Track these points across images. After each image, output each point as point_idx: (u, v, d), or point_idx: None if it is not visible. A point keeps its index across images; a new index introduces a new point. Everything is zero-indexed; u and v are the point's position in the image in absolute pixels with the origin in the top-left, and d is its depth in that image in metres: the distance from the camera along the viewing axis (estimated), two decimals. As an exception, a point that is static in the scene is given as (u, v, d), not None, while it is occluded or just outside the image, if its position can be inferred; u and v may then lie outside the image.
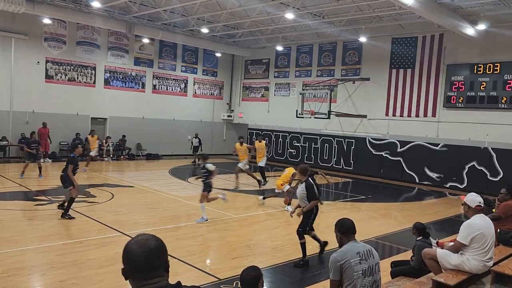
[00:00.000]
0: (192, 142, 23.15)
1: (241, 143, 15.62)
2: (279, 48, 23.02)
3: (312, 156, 22.86)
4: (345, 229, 3.96)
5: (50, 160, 19.05)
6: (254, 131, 25.92)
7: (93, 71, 21.48)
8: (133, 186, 14.26)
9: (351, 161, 21.28)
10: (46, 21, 18.83)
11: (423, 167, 18.47)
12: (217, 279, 6.28)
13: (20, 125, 19.07)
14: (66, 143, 20.39)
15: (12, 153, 19.10)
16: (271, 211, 11.74)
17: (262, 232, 9.61)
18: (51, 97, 19.93)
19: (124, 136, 22.38)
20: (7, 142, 18.69)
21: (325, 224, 9.55)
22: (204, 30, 20.61)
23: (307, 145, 23.14)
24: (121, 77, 22.56)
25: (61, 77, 20.38)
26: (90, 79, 21.43)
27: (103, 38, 21.66)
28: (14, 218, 9.29)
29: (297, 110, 21.31)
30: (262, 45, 24.24)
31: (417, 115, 18.82)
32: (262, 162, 15.75)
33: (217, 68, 26.85)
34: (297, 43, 23.21)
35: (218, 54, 25.78)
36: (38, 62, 19.56)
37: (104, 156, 21.10)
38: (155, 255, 1.92)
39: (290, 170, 12.11)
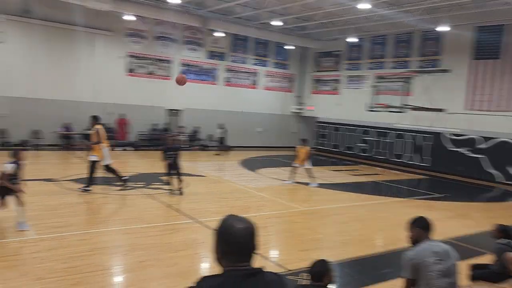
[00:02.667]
0: (217, 134, 22.58)
1: (303, 146, 15.14)
2: (352, 39, 22.46)
3: (384, 151, 22.14)
4: (426, 226, 3.79)
5: (133, 148, 20.31)
6: (324, 124, 25.64)
7: (170, 65, 22.52)
8: (205, 176, 14.81)
9: (425, 157, 20.30)
10: (128, 17, 20.03)
11: (507, 165, 17.12)
12: (286, 270, 6.38)
13: (104, 116, 20.50)
14: (144, 133, 21.65)
15: (97, 141, 20.64)
16: (340, 205, 11.61)
17: (331, 226, 9.55)
18: (131, 89, 21.24)
19: (197, 127, 23.25)
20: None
21: (395, 221, 9.26)
22: (276, 23, 20.70)
23: (378, 139, 22.44)
24: (195, 70, 23.40)
25: (141, 70, 21.63)
26: (167, 72, 22.48)
27: (179, 33, 22.57)
28: (99, 202, 10.10)
29: (369, 104, 20.71)
30: (333, 37, 23.80)
31: (502, 109, 17.44)
32: (307, 165, 15.25)
33: (287, 61, 26.86)
34: (370, 34, 22.49)
35: (289, 47, 25.75)
36: (120, 57, 20.91)
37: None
38: (255, 238, 1.98)
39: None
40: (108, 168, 11.17)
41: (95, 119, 11.16)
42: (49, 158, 16.95)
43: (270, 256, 7.14)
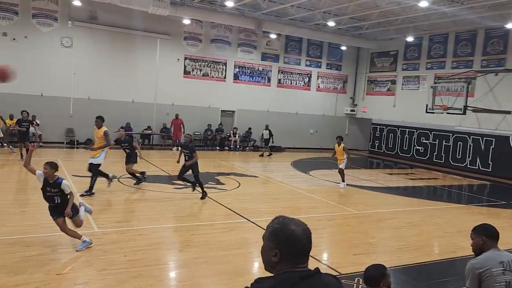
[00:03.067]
0: (263, 134, 22.41)
1: (339, 144, 14.73)
2: (409, 38, 21.72)
3: (443, 154, 21.19)
4: (492, 234, 3.58)
5: (179, 148, 20.90)
6: (378, 126, 24.99)
7: (224, 67, 22.98)
8: (257, 176, 14.96)
9: (489, 162, 19.17)
10: (186, 21, 20.70)
11: None
12: (338, 274, 6.32)
13: (162, 116, 21.38)
14: (199, 133, 22.26)
15: (155, 141, 21.52)
16: (395, 209, 11.28)
17: (386, 231, 9.31)
18: (187, 91, 21.91)
19: (250, 128, 23.53)
20: (151, 131, 21.12)
21: (455, 228, 8.86)
22: (330, 23, 20.49)
23: (437, 142, 21.52)
24: (249, 72, 23.71)
25: (196, 72, 22.26)
26: (221, 74, 22.96)
27: (234, 35, 22.99)
28: (156, 199, 10.51)
29: (427, 105, 19.93)
30: (390, 36, 23.14)
31: None
32: (342, 165, 14.81)
33: (341, 61, 26.47)
34: (429, 33, 21.63)
35: (343, 48, 25.38)
36: (178, 59, 21.65)
37: (231, 146, 22.52)
38: (311, 239, 1.94)
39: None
40: (93, 166, 10.34)
41: (102, 120, 10.69)
42: (111, 156, 17.81)
43: (322, 259, 7.10)
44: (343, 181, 13.80)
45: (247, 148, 23.25)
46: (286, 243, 1.88)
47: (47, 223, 7.85)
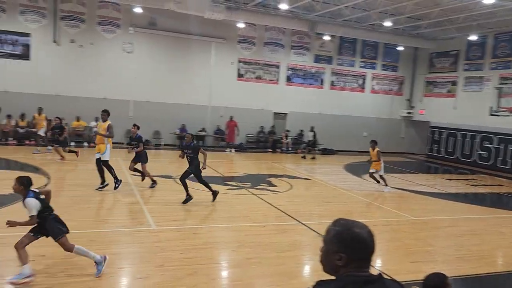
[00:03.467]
0: (308, 136, 22.02)
1: (373, 148, 14.06)
2: (472, 37, 20.66)
3: (508, 160, 19.92)
4: None
5: (233, 150, 21.21)
6: (437, 130, 23.97)
7: (277, 69, 23.08)
8: (309, 179, 14.88)
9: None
10: (240, 25, 21.04)
11: None
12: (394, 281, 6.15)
13: (216, 118, 21.85)
14: (252, 135, 22.51)
15: (209, 143, 22.03)
16: (454, 216, 10.77)
17: (444, 239, 8.93)
18: (240, 93, 22.24)
19: (301, 130, 23.43)
20: (205, 133, 21.64)
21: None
22: (387, 23, 19.96)
23: (502, 147, 20.27)
24: (301, 74, 23.64)
25: (250, 75, 22.54)
26: (274, 77, 23.08)
27: (287, 38, 23.03)
28: (209, 199, 10.75)
29: (491, 107, 18.85)
30: (450, 35, 22.12)
31: None
32: (380, 171, 14.08)
33: (398, 62, 25.69)
34: (495, 31, 20.45)
35: (400, 48, 24.62)
36: (232, 63, 22.04)
37: (283, 148, 22.56)
38: (375, 242, 1.91)
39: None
40: (104, 162, 10.60)
41: (107, 114, 11.04)
42: (167, 156, 18.52)
43: (377, 265, 6.94)
44: (386, 185, 13.28)
45: (299, 151, 23.15)
46: (352, 247, 1.86)
47: (108, 219, 8.30)
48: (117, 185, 10.55)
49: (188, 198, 9.79)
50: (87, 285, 5.36)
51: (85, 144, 18.98)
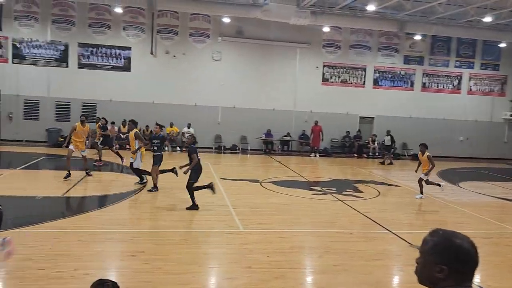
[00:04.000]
0: (384, 140, 20.74)
1: (423, 152, 12.72)
2: None
3: None
4: None
5: (318, 155, 21.01)
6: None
7: (363, 72, 22.50)
8: (398, 186, 14.26)
9: None
10: (326, 29, 20.91)
11: None
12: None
13: (300, 123, 21.91)
14: (336, 140, 22.18)
15: (294, 147, 22.14)
16: None
17: (556, 256, 8.00)
18: (325, 98, 22.05)
19: (390, 132, 22.50)
20: (290, 138, 21.81)
21: None
22: (487, 19, 18.45)
23: None
24: (389, 77, 22.78)
25: (335, 79, 22.27)
26: (360, 80, 22.53)
27: (374, 40, 22.37)
28: (295, 203, 10.83)
29: None
30: None
31: None
32: (423, 175, 12.69)
33: (499, 60, 23.59)
34: None
35: (502, 45, 22.58)
36: (317, 67, 21.96)
37: (369, 154, 21.89)
38: (478, 254, 1.82)
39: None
40: (134, 169, 11.46)
41: (134, 124, 11.54)
42: (254, 161, 19.00)
43: (476, 280, 6.44)
44: (421, 192, 12.23)
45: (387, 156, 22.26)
46: (455, 259, 1.78)
47: (199, 220, 8.75)
48: (140, 182, 11.54)
49: (193, 206, 9.28)
50: (181, 280, 5.72)
51: (178, 148, 20.16)
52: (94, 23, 19.93)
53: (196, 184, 9.35)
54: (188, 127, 20.48)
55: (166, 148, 18.73)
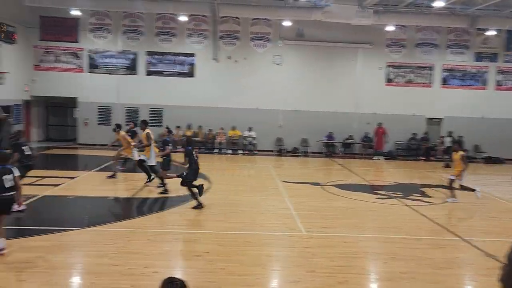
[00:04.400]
0: (445, 141, 19.39)
1: (456, 151, 11.66)
2: None
3: None
4: None
5: (382, 158, 20.34)
6: None
7: (430, 71, 21.49)
8: (473, 190, 13.42)
9: None
10: (389, 28, 20.26)
11: None
12: None
13: (363, 125, 21.38)
14: (402, 142, 21.36)
15: (356, 150, 21.64)
16: None
17: None
18: (389, 99, 21.34)
19: (460, 136, 21.27)
20: (352, 141, 21.34)
21: None
22: None
23: None
24: (459, 75, 21.56)
25: (399, 79, 21.48)
26: (427, 79, 21.55)
27: (442, 37, 21.31)
28: (358, 207, 10.59)
29: None
30: None
31: None
32: (461, 179, 11.51)
33: None
34: None
35: None
36: (380, 68, 21.32)
37: (438, 156, 20.83)
38: None
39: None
40: (151, 168, 11.72)
41: (145, 124, 11.82)
42: (315, 164, 18.83)
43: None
44: (453, 196, 11.36)
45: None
46: None
47: (262, 223, 8.84)
48: (148, 180, 12.02)
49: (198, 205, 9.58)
50: (245, 282, 5.81)
51: (240, 151, 20.51)
52: (160, 32, 20.89)
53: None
54: (249, 131, 20.77)
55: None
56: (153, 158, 11.58)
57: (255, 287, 5.72)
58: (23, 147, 9.20)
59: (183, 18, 20.35)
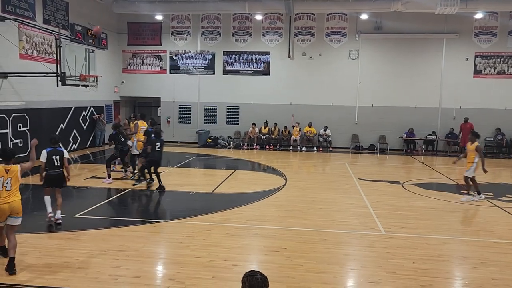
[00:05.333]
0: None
1: (472, 141, 10.35)
2: None
3: None
4: None
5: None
6: None
7: (526, 61, 19.62)
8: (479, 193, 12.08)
9: None
10: (478, 15, 18.82)
11: None
12: None
13: (448, 120, 20.12)
14: (491, 139, 19.76)
15: (440, 147, 20.43)
16: None
17: None
18: (477, 92, 19.84)
19: (562, 132, 19.20)
20: (435, 137, 20.17)
21: None
22: None
23: None
24: (561, 64, 19.41)
25: (489, 71, 19.87)
26: (522, 70, 19.70)
27: (541, 22, 19.34)
28: (443, 207, 9.98)
29: None
30: None
31: None
32: (467, 172, 10.44)
33: None
34: None
35: None
36: (467, 58, 19.88)
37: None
38: None
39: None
40: (132, 156, 12.89)
41: (141, 117, 13.26)
42: (394, 161, 18.10)
43: None
44: (469, 193, 10.38)
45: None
46: None
47: (339, 221, 8.71)
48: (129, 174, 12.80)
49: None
50: (323, 279, 5.78)
51: (314, 148, 20.35)
52: (236, 32, 21.38)
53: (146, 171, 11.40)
54: (325, 130, 20.50)
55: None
56: (134, 147, 12.79)
57: (333, 286, 5.66)
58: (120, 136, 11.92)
59: (258, 17, 20.63)
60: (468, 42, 19.82)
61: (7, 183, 5.80)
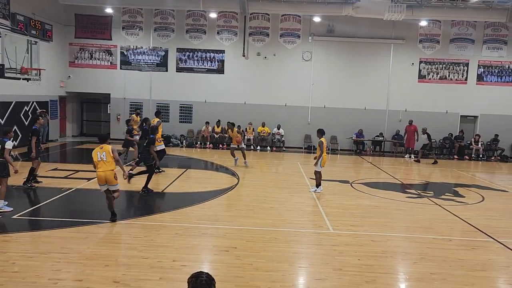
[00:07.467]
0: (421, 139, 19.03)
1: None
2: None
3: None
4: None
5: (412, 156, 19.77)
6: None
7: (465, 68, 20.84)
8: (506, 191, 12.98)
9: None
10: (423, 23, 19.76)
11: None
12: None
13: (394, 122, 20.97)
14: (434, 141, 20.81)
15: (387, 148, 21.26)
16: None
17: None
18: (421, 96, 20.84)
19: (496, 135, 20.59)
20: (382, 138, 20.97)
21: None
22: None
23: None
24: (496, 72, 20.80)
25: (433, 76, 20.93)
26: (462, 76, 20.91)
27: (478, 32, 20.61)
28: (388, 206, 10.40)
29: None
30: None
31: None
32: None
33: None
34: None
35: None
36: (413, 64, 20.83)
37: (473, 156, 20.19)
38: None
39: None
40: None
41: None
42: (344, 161, 18.62)
43: None
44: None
45: (493, 158, 20.40)
46: None
47: (289, 219, 8.83)
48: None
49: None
50: (272, 278, 5.83)
51: (268, 148, 20.52)
52: (191, 29, 21.12)
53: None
54: (278, 129, 20.73)
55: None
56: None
57: (282, 284, 5.72)
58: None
59: (213, 15, 20.50)
60: (413, 48, 20.77)
61: (103, 155, 7.83)
